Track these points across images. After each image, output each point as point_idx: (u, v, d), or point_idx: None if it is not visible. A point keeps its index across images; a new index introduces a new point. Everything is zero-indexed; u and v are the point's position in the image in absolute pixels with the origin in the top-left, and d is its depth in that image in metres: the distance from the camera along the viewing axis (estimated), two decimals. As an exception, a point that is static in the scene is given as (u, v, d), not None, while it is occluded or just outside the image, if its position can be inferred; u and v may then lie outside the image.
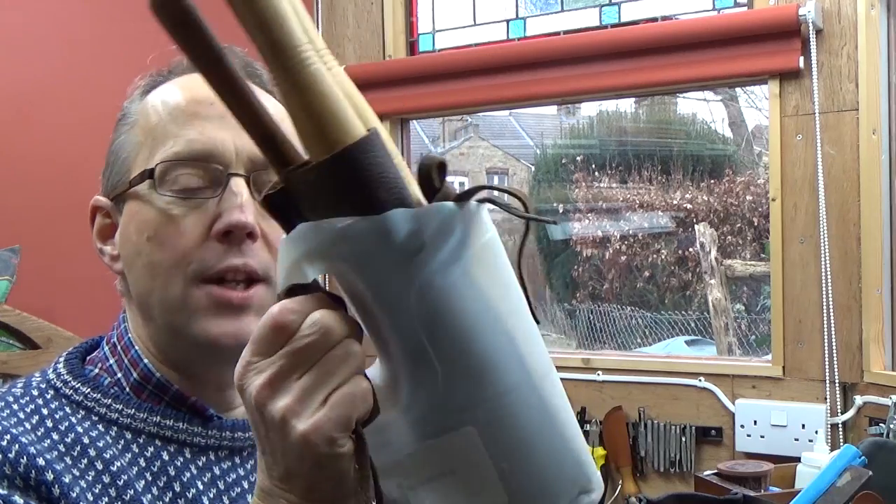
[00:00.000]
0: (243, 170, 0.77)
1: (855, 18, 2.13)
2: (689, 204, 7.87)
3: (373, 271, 0.52)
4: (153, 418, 0.78)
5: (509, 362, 0.54)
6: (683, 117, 8.81)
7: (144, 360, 0.80)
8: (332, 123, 0.52)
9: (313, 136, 0.52)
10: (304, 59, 0.51)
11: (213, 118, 0.77)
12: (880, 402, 2.06)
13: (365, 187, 0.51)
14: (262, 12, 0.51)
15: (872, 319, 2.12)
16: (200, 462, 0.79)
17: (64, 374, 0.80)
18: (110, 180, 0.82)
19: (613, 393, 2.43)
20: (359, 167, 0.51)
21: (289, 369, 0.53)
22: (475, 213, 0.54)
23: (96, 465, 0.74)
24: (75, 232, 2.31)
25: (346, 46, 2.80)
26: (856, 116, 2.13)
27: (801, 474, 1.97)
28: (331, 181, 0.52)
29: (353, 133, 0.52)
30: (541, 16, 2.65)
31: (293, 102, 0.52)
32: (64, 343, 1.98)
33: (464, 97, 2.64)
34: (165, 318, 0.77)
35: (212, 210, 0.76)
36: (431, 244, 0.52)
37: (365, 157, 0.51)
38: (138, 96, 0.83)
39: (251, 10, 0.51)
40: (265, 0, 0.51)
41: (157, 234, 0.76)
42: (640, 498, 1.79)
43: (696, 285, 7.52)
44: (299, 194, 0.54)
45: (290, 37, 0.51)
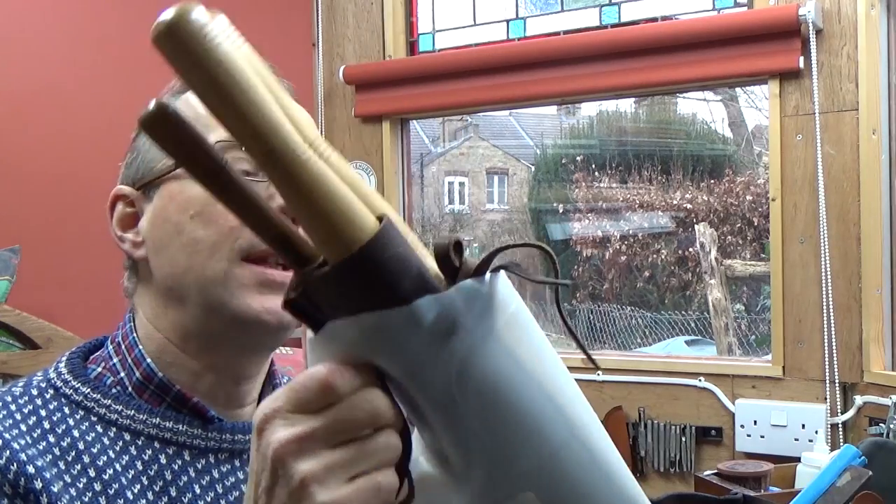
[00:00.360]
0: None
1: (855, 18, 2.13)
2: (689, 204, 7.87)
3: (409, 360, 0.52)
4: (153, 419, 0.78)
5: (556, 423, 0.54)
6: (683, 117, 8.81)
7: (147, 360, 0.80)
8: (344, 222, 0.50)
9: (327, 238, 0.51)
10: (304, 161, 0.49)
11: None
12: (880, 402, 2.06)
13: (388, 281, 0.51)
14: (255, 123, 0.48)
15: (872, 319, 2.12)
16: (199, 465, 0.78)
17: (65, 374, 0.80)
18: (139, 170, 0.82)
19: (613, 393, 2.43)
20: (378, 263, 0.51)
21: (324, 435, 0.52)
22: (497, 284, 0.54)
23: (89, 471, 0.74)
24: (75, 232, 2.32)
25: (346, 46, 2.80)
26: (856, 116, 2.13)
27: (801, 474, 1.97)
28: (352, 281, 0.51)
29: (366, 228, 0.50)
30: (541, 16, 2.65)
31: (300, 207, 0.50)
32: (64, 343, 1.98)
33: (464, 97, 2.64)
34: (203, 294, 0.77)
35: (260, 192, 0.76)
36: (462, 324, 0.52)
37: (383, 252, 0.51)
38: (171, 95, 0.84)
39: (243, 122, 0.48)
40: (256, 110, 0.48)
41: (204, 211, 0.76)
42: (640, 498, 1.79)
43: (696, 285, 7.52)
44: (321, 295, 0.53)
45: (285, 143, 0.49)
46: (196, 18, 0.47)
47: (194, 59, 0.47)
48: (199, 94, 0.48)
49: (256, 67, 0.50)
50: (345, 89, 2.76)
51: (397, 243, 0.51)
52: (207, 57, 0.47)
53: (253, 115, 0.48)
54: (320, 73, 2.81)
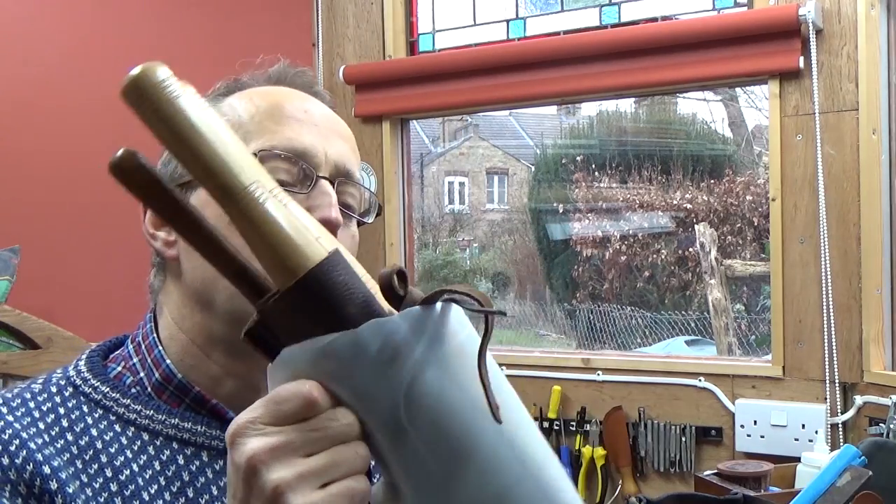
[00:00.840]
0: (329, 174, 0.81)
1: (855, 18, 2.13)
2: (689, 204, 7.87)
3: (356, 385, 0.54)
4: (171, 420, 0.78)
5: (506, 458, 0.54)
6: (683, 117, 8.81)
7: (167, 361, 0.80)
8: (292, 251, 0.54)
9: (277, 267, 0.54)
10: (255, 197, 0.54)
11: (307, 124, 0.82)
12: (880, 402, 2.06)
13: (333, 306, 0.54)
14: (207, 161, 0.53)
15: (872, 319, 2.12)
16: (217, 466, 0.78)
17: (84, 372, 0.81)
18: (178, 169, 0.82)
19: (613, 393, 2.43)
20: (324, 288, 0.54)
21: (299, 445, 0.53)
22: (444, 313, 0.55)
23: (106, 471, 0.74)
24: (75, 232, 2.32)
25: (346, 46, 2.80)
26: (856, 116, 2.13)
27: (801, 474, 1.97)
28: (300, 305, 0.54)
29: (314, 257, 0.54)
30: (541, 16, 2.65)
31: (253, 238, 0.54)
32: (64, 343, 1.98)
33: (464, 97, 2.64)
34: (232, 302, 0.77)
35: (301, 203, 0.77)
36: (406, 350, 0.53)
37: (328, 278, 0.54)
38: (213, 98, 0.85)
39: (196, 160, 0.53)
40: (209, 149, 0.53)
41: None
42: (640, 498, 1.80)
43: (696, 285, 7.52)
44: (275, 323, 0.56)
45: (237, 179, 0.53)
46: (158, 74, 0.53)
47: (154, 108, 0.53)
48: (159, 139, 0.54)
49: (213, 118, 0.55)
50: (345, 89, 2.76)
51: (343, 271, 0.55)
52: (166, 107, 0.52)
53: (205, 156, 0.53)
54: (320, 73, 2.81)
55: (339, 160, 0.82)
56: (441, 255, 9.82)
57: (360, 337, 0.53)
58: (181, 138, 0.53)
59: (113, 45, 2.36)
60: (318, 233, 0.56)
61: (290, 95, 0.84)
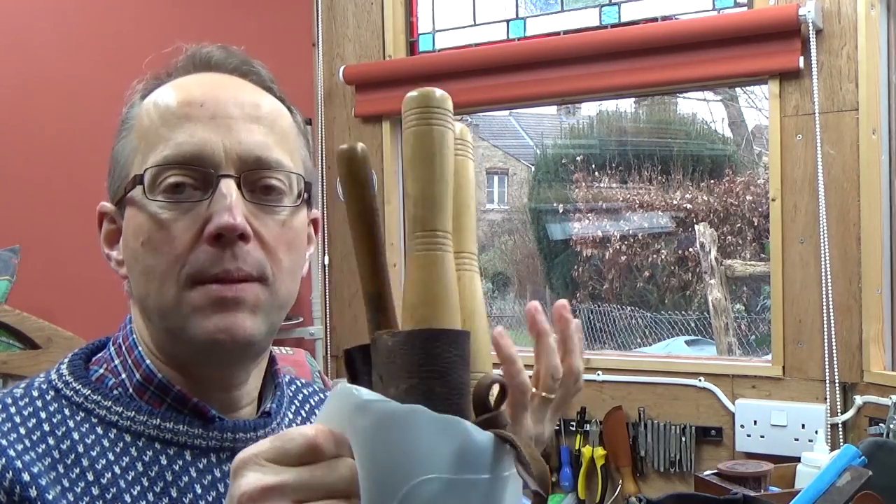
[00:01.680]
0: (234, 170, 0.76)
1: (855, 18, 2.13)
2: (689, 204, 7.87)
3: (371, 457, 0.52)
4: (153, 421, 0.78)
5: None
6: (683, 117, 8.81)
7: (147, 361, 0.80)
8: (430, 305, 0.55)
9: (410, 308, 0.55)
10: (438, 243, 0.56)
11: (202, 119, 0.77)
12: (880, 402, 2.06)
13: (424, 374, 0.53)
14: (424, 190, 0.56)
15: (872, 319, 2.12)
16: (201, 464, 0.78)
17: (66, 376, 0.80)
18: (112, 186, 0.82)
19: (613, 393, 2.43)
20: (428, 353, 0.53)
21: (292, 489, 0.53)
22: (501, 450, 0.53)
23: (87, 475, 0.74)
24: (75, 232, 2.32)
25: (346, 46, 2.80)
26: (856, 116, 2.13)
27: (801, 474, 1.97)
28: (401, 353, 0.53)
29: (443, 322, 0.54)
30: (541, 16, 2.65)
31: (411, 272, 0.56)
32: (64, 343, 1.98)
33: (464, 97, 2.64)
34: (162, 321, 0.77)
35: (203, 213, 0.75)
36: (439, 456, 0.52)
37: (438, 348, 0.53)
38: (137, 100, 0.83)
39: (415, 183, 0.57)
40: (430, 182, 0.56)
41: (151, 240, 0.76)
42: (640, 498, 1.79)
43: (696, 285, 7.52)
44: (377, 356, 0.56)
45: (434, 219, 0.56)
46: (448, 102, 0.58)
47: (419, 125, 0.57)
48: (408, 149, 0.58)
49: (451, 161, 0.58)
50: (345, 89, 2.76)
51: (457, 352, 0.54)
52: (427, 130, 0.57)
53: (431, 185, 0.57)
54: (320, 73, 2.81)
55: (245, 151, 0.76)
56: (441, 255, 9.77)
57: (407, 416, 0.51)
58: (423, 158, 0.56)
59: (112, 46, 2.36)
60: (475, 312, 0.57)
61: (193, 87, 0.79)
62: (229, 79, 0.81)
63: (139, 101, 0.83)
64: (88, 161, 2.29)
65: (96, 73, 2.33)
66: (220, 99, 0.78)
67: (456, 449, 0.52)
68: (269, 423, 0.83)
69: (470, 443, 0.52)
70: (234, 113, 0.78)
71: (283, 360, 0.93)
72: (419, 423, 0.51)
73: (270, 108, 0.81)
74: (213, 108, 0.77)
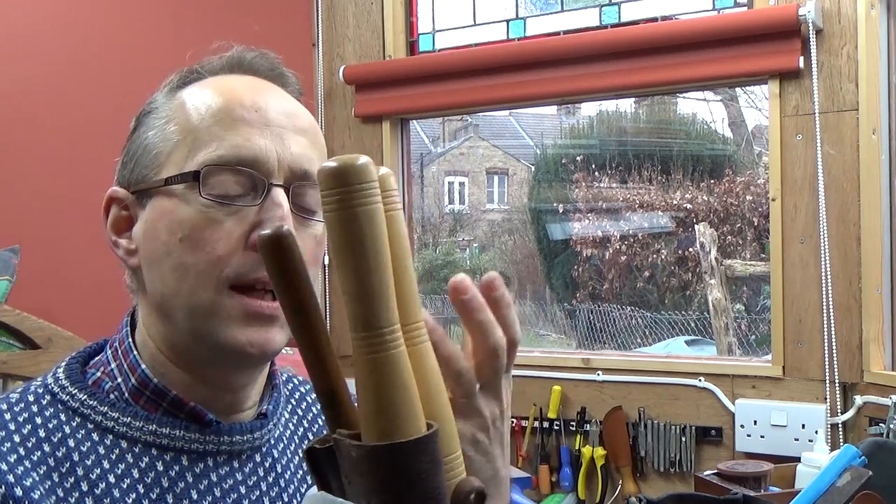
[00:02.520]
0: (283, 180, 0.77)
1: (855, 18, 2.13)
2: (689, 204, 7.87)
3: None
4: (149, 426, 0.77)
5: None
6: (683, 117, 8.81)
7: (142, 366, 0.79)
8: (389, 415, 0.51)
9: (373, 415, 0.52)
10: (387, 341, 0.51)
11: (257, 125, 0.77)
12: (880, 402, 2.06)
13: (394, 489, 0.51)
14: (361, 285, 0.51)
15: (872, 319, 2.12)
16: (198, 469, 0.78)
17: (62, 380, 0.79)
18: (134, 173, 0.80)
19: (613, 393, 2.43)
20: (396, 466, 0.51)
21: None
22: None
23: (82, 484, 0.73)
24: (75, 232, 2.31)
25: (345, 46, 2.80)
26: (856, 116, 2.13)
27: (801, 474, 1.97)
28: (368, 467, 0.51)
29: (411, 430, 0.52)
30: (541, 16, 2.65)
31: (362, 377, 0.52)
32: (64, 343, 1.98)
33: (464, 97, 2.64)
34: (190, 321, 0.76)
35: (250, 217, 0.75)
36: None
37: (406, 460, 0.51)
38: (168, 91, 0.82)
39: (354, 276, 0.51)
40: (365, 274, 0.51)
41: (193, 236, 0.75)
42: (640, 498, 1.79)
43: (696, 285, 7.52)
44: (342, 459, 0.54)
45: (378, 316, 0.51)
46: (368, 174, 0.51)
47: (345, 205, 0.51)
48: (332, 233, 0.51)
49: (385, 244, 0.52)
50: (345, 89, 2.76)
51: (427, 460, 0.52)
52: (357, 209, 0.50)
53: (365, 277, 0.51)
54: (320, 73, 2.81)
55: (296, 163, 0.78)
56: (441, 255, 9.82)
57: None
58: (353, 248, 0.51)
59: (112, 46, 2.36)
60: (434, 394, 0.54)
61: (243, 90, 0.79)
62: (269, 85, 0.81)
63: (170, 92, 0.81)
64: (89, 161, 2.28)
65: (97, 73, 2.33)
66: (271, 106, 0.78)
67: None
68: (265, 425, 0.83)
69: None
70: (284, 122, 0.78)
71: (283, 360, 0.93)
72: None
73: (311, 121, 0.82)
74: (266, 114, 0.78)
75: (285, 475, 0.84)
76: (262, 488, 0.81)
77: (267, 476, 0.82)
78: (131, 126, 0.83)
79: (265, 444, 0.83)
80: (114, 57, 2.35)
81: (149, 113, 0.81)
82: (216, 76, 0.82)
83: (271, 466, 0.83)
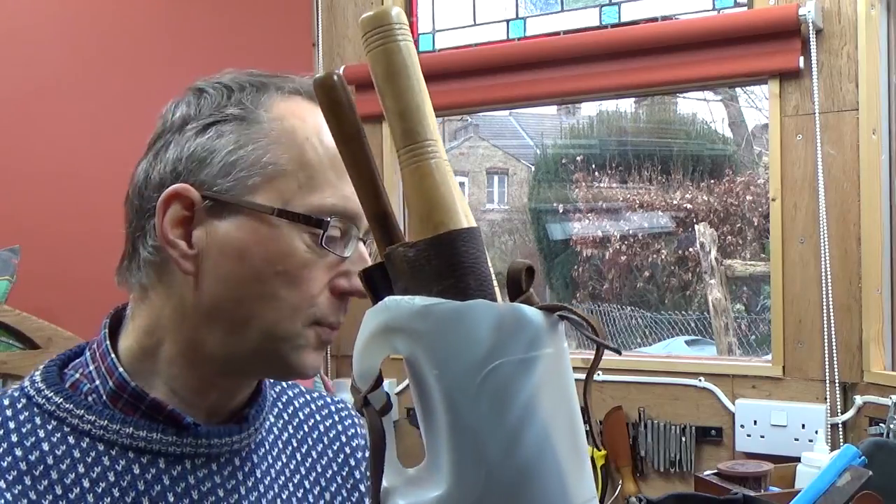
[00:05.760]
0: (363, 235, 0.81)
1: (855, 18, 2.13)
2: (689, 204, 7.88)
3: (443, 355, 0.54)
4: (126, 429, 0.77)
5: (551, 480, 0.55)
6: (683, 117, 8.82)
7: (120, 369, 0.78)
8: (442, 209, 0.57)
9: (423, 218, 0.57)
10: (431, 151, 0.58)
11: (345, 176, 0.78)
12: (880, 402, 2.06)
13: (457, 273, 0.56)
14: (406, 103, 0.58)
15: (872, 319, 2.12)
16: (175, 472, 0.77)
17: (38, 383, 0.79)
18: (216, 179, 0.76)
19: (613, 393, 2.43)
20: (456, 252, 0.56)
21: None
22: (554, 324, 0.56)
23: (56, 488, 0.73)
24: (75, 232, 2.31)
25: (346, 46, 2.80)
26: (856, 116, 2.13)
27: (801, 474, 1.97)
28: (427, 260, 0.56)
29: (458, 223, 0.57)
30: (541, 16, 2.65)
31: (412, 184, 0.58)
32: (64, 343, 1.98)
33: (464, 97, 2.64)
34: (263, 342, 0.77)
35: (337, 265, 0.79)
36: (506, 341, 0.54)
37: (463, 246, 0.56)
38: (257, 103, 0.79)
39: (397, 98, 0.58)
40: (412, 94, 0.58)
41: (291, 272, 0.77)
42: (640, 498, 1.79)
43: (696, 285, 7.52)
44: (396, 271, 0.58)
45: (423, 129, 0.58)
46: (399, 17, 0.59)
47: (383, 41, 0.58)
48: (374, 69, 0.60)
49: (419, 71, 0.60)
50: (345, 89, 2.76)
51: (478, 248, 0.57)
52: (391, 44, 0.58)
53: (406, 98, 0.58)
54: (320, 73, 2.81)
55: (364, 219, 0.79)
56: (441, 255, 9.79)
57: (468, 310, 0.54)
58: (400, 73, 0.58)
59: (112, 46, 2.36)
60: (465, 210, 0.58)
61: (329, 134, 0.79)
62: None
63: (265, 100, 0.79)
64: (88, 161, 2.29)
65: (97, 73, 2.33)
66: None
67: (518, 331, 0.54)
68: (245, 429, 0.83)
69: (530, 323, 0.55)
70: None
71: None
72: (480, 315, 0.54)
73: None
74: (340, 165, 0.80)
75: (265, 480, 0.84)
76: (241, 492, 0.81)
77: (246, 480, 0.82)
78: (188, 117, 0.79)
79: (245, 448, 0.83)
80: (114, 57, 2.35)
81: (232, 119, 0.78)
82: (298, 99, 0.81)
83: (251, 471, 0.83)
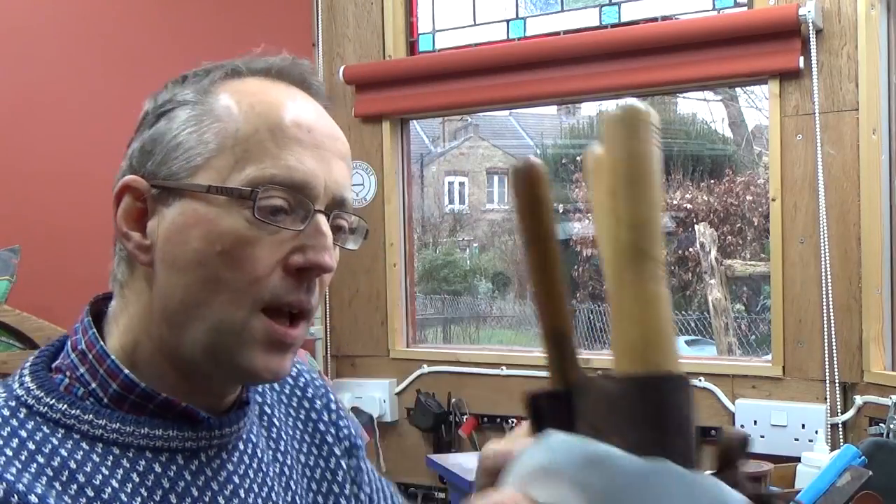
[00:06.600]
0: (325, 206, 0.75)
1: (855, 18, 2.13)
2: (689, 204, 7.88)
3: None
4: (140, 430, 0.75)
5: None
6: (683, 117, 8.82)
7: (125, 371, 0.75)
8: (661, 348, 0.49)
9: (635, 349, 0.49)
10: (660, 276, 0.50)
11: (309, 147, 0.75)
12: (880, 402, 2.06)
13: (660, 424, 0.48)
14: (644, 216, 0.50)
15: (872, 319, 2.12)
16: (193, 466, 0.77)
17: (34, 390, 0.75)
18: (160, 167, 0.75)
19: (613, 393, 2.43)
20: (668, 399, 0.48)
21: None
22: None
23: (87, 491, 0.71)
24: (75, 232, 2.32)
25: (345, 46, 2.80)
26: (856, 116, 2.13)
27: (801, 474, 1.97)
28: (630, 400, 0.48)
29: (674, 364, 0.49)
30: (541, 16, 2.65)
31: (631, 307, 0.50)
32: (64, 343, 1.98)
33: (464, 97, 2.64)
34: (210, 336, 0.74)
35: (291, 241, 0.74)
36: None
37: (678, 395, 0.48)
38: (202, 84, 0.77)
39: (634, 206, 0.50)
40: (649, 206, 0.50)
41: (234, 252, 0.72)
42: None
43: (696, 285, 7.52)
44: (589, 403, 0.51)
45: (656, 249, 0.50)
46: (652, 117, 0.52)
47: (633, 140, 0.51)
48: (618, 167, 0.51)
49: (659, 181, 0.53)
50: (345, 89, 2.76)
51: (690, 401, 0.49)
52: (644, 146, 0.51)
53: (647, 208, 0.50)
54: (320, 73, 2.81)
55: (338, 190, 0.76)
56: (441, 255, 9.82)
57: (660, 475, 0.46)
58: (638, 181, 0.50)
59: (112, 46, 2.36)
60: None
61: (293, 105, 0.76)
62: (314, 102, 0.80)
63: (209, 86, 0.77)
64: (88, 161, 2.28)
65: (96, 73, 2.33)
66: (320, 128, 0.77)
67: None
68: (247, 413, 0.83)
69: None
70: (329, 146, 0.77)
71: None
72: (669, 484, 0.46)
73: (348, 146, 0.80)
74: (317, 137, 0.76)
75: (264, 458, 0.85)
76: (251, 475, 0.82)
77: (252, 462, 0.82)
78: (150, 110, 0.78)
79: (245, 431, 0.83)
80: (114, 56, 2.35)
81: (182, 104, 0.77)
82: (258, 79, 0.78)
83: (253, 452, 0.83)
